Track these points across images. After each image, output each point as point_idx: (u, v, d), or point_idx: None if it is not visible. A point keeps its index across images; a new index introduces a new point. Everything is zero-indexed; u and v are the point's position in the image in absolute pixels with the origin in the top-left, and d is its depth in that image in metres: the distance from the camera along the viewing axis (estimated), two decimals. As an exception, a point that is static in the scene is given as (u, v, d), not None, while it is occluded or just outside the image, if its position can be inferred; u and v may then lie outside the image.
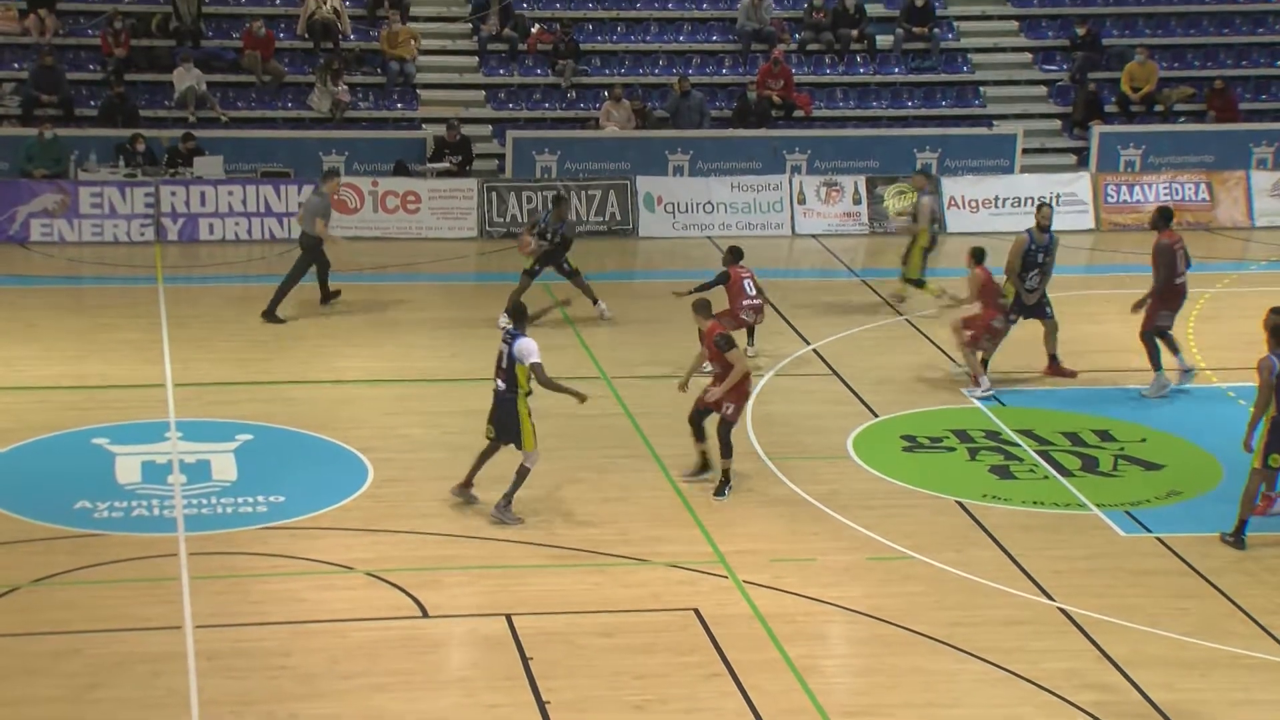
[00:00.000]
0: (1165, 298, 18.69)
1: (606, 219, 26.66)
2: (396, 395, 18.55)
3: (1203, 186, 28.08)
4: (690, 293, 18.08)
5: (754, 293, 19.24)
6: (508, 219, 26.19)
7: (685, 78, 28.63)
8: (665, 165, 27.47)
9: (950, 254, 24.27)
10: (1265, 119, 29.67)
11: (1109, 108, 29.61)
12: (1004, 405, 18.46)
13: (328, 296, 21.95)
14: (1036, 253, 19.10)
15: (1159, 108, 29.78)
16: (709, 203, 26.87)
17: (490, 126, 28.43)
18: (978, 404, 18.36)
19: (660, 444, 16.95)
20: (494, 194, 26.31)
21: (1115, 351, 20.54)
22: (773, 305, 21.13)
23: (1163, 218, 19.02)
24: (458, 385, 18.84)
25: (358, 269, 24.14)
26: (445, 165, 26.67)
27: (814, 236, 26.59)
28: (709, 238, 26.09)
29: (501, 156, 27.62)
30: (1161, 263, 18.67)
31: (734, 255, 19.39)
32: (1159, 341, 18.90)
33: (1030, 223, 19.78)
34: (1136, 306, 18.87)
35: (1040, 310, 19.34)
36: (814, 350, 20.28)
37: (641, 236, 23.05)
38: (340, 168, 25.61)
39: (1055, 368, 19.43)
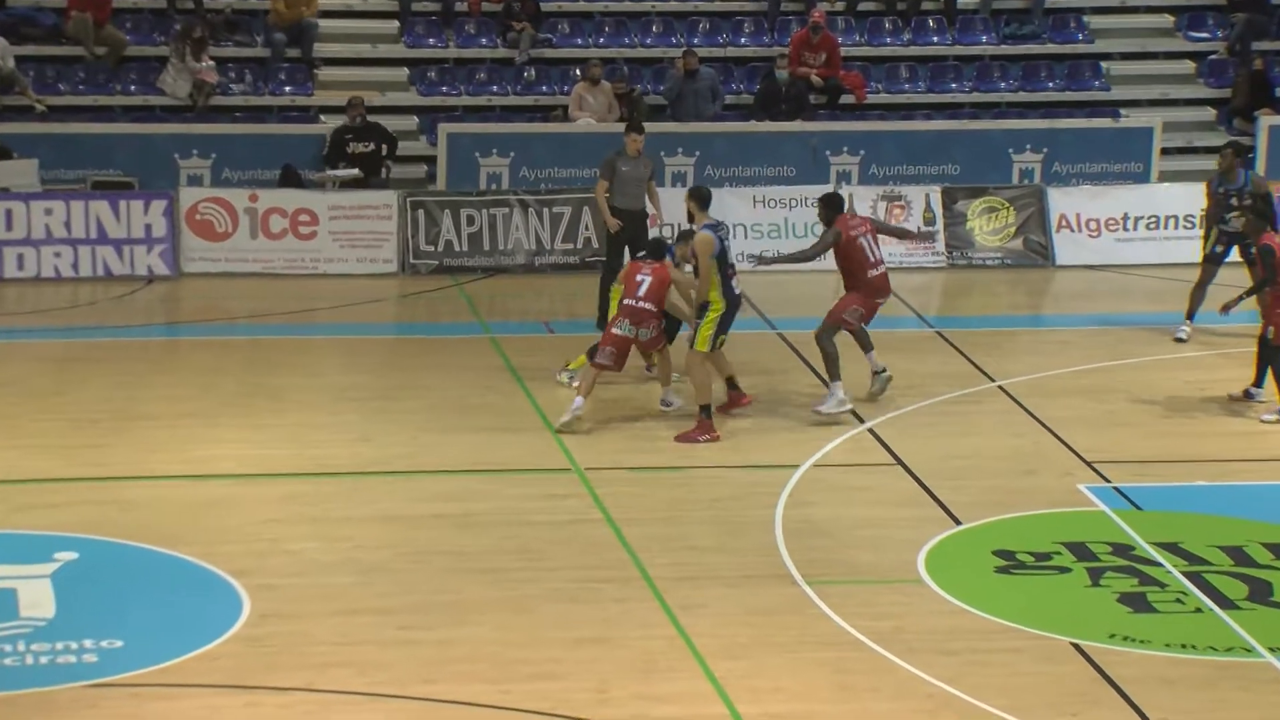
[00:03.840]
0: (863, 293, 20.58)
1: (578, 247, 26.65)
2: (282, 495, 18.48)
3: None
4: None
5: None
6: (440, 247, 26.19)
7: (692, 52, 28.72)
8: (662, 171, 27.52)
9: (1062, 294, 24.33)
10: None
11: (1282, 90, 29.85)
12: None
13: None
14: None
15: (1352, 90, 30.00)
16: (722, 223, 26.87)
17: (416, 118, 28.50)
18: (1104, 508, 18.32)
19: (653, 561, 16.85)
20: (421, 212, 26.32)
21: (1294, 431, 20.55)
22: (809, 364, 21.12)
23: (830, 206, 20.69)
24: (368, 480, 18.76)
25: (228, 318, 24.06)
26: (353, 172, 26.64)
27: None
28: (722, 273, 26.06)
29: (432, 159, 27.67)
30: (849, 256, 20.56)
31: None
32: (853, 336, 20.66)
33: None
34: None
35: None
36: (870, 430, 20.24)
37: (627, 270, 23.02)
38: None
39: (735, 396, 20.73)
